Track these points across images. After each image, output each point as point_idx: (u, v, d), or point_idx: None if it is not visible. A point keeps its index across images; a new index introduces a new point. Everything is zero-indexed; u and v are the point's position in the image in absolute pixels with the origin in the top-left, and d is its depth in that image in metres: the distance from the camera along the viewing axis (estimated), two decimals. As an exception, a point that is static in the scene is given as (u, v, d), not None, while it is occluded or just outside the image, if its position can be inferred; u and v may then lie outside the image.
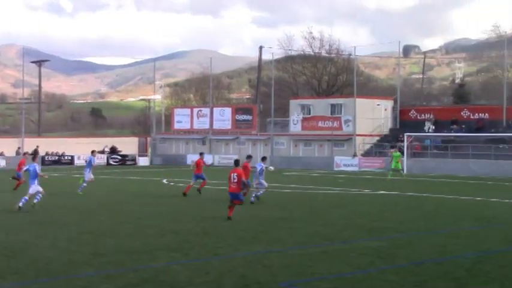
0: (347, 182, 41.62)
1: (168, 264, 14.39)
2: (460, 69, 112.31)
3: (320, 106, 65.99)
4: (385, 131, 64.24)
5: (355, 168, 57.00)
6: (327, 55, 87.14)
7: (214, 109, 74.66)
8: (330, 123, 64.09)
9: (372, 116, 63.02)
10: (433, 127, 60.28)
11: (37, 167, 24.63)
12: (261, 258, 15.10)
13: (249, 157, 28.81)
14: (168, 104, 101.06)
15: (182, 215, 23.51)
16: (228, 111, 73.79)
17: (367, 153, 60.68)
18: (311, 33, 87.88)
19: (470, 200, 30.58)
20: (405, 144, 54.04)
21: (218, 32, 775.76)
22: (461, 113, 61.29)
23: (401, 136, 56.76)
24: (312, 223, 21.46)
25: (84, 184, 32.04)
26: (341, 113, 63.92)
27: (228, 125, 72.43)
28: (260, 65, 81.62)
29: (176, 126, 77.37)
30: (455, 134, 57.51)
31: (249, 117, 71.55)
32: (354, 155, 59.06)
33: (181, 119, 76.69)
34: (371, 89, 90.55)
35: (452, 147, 55.61)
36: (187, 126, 75.83)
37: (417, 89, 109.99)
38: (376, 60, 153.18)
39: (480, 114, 59.98)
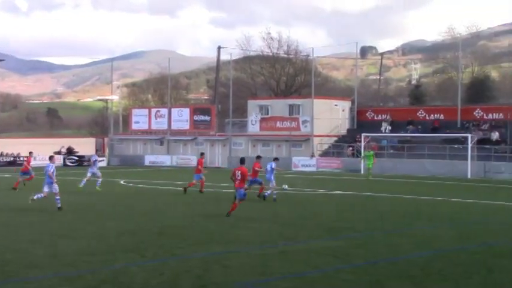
0: (305, 182, 41.85)
1: (126, 265, 14.34)
2: (416, 71, 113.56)
3: (278, 107, 66.24)
4: (343, 131, 64.75)
5: (313, 169, 57.35)
6: (285, 56, 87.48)
7: (173, 109, 74.39)
8: (288, 123, 64.38)
9: (329, 117, 63.49)
10: (390, 128, 60.95)
11: (53, 167, 25.31)
12: (220, 258, 15.14)
13: (259, 157, 30.38)
14: (126, 105, 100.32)
15: (140, 216, 23.42)
16: (186, 111, 73.60)
17: (325, 154, 61.12)
18: (269, 33, 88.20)
19: (424, 200, 31.00)
20: (362, 144, 54.55)
21: (176, 32, 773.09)
22: (417, 114, 62.08)
23: (358, 136, 57.30)
24: (271, 223, 21.56)
25: (85, 181, 34.80)
26: (299, 114, 64.25)
27: (186, 125, 72.24)
28: (218, 66, 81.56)
29: (134, 126, 76.90)
30: (411, 135, 58.23)
31: (207, 117, 71.46)
32: (312, 156, 59.42)
33: (139, 119, 76.26)
34: (329, 89, 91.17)
35: (409, 148, 56.29)
36: (145, 126, 75.44)
37: (374, 89, 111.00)
38: (333, 61, 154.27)
39: (435, 115, 60.83)
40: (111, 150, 74.36)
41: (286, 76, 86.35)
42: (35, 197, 25.30)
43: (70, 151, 69.71)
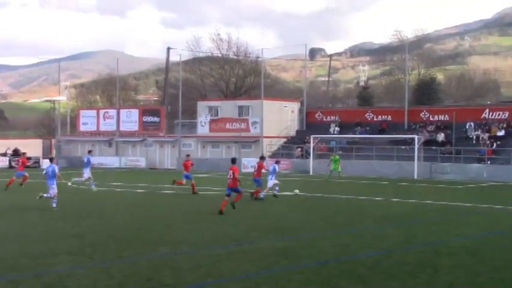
0: (253, 184, 41.85)
1: (72, 268, 14.15)
2: (364, 72, 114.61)
3: (228, 108, 66.25)
4: (292, 132, 65.08)
5: (263, 170, 57.36)
6: (234, 57, 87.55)
7: (121, 111, 73.82)
8: (238, 124, 64.43)
9: (279, 118, 63.74)
10: (339, 129, 61.51)
11: (56, 168, 26.20)
12: (168, 260, 15.07)
13: (263, 158, 32.40)
14: (74, 106, 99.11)
15: (87, 218, 23.14)
16: (135, 112, 73.12)
17: (274, 155, 61.28)
18: (219, 35, 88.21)
19: (372, 200, 31.35)
20: (311, 145, 54.91)
21: (125, 33, 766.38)
22: (366, 115, 62.78)
23: (307, 138, 57.67)
24: (218, 224, 21.54)
25: (82, 179, 35.86)
26: (248, 115, 64.37)
27: (135, 126, 71.77)
28: (168, 67, 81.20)
29: (82, 128, 76.07)
30: (359, 136, 58.84)
31: (156, 119, 71.08)
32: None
33: (87, 120, 75.49)
34: (278, 91, 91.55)
35: (357, 149, 56.86)
36: (94, 128, 74.70)
37: (323, 91, 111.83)
38: (283, 62, 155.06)
39: (383, 117, 61.60)
40: (59, 151, 73.35)
41: (236, 77, 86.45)
42: (45, 195, 26.13)
43: (16, 152, 68.49)
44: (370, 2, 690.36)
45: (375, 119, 61.75)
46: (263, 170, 31.23)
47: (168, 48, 79.21)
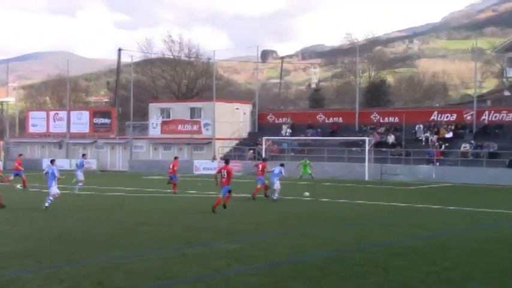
0: (206, 185, 41.80)
1: (19, 272, 13.89)
2: (315, 75, 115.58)
3: (179, 110, 66.01)
4: (244, 134, 65.16)
5: (215, 172, 57.23)
6: (186, 59, 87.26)
7: (72, 112, 72.99)
8: (190, 126, 64.23)
9: (231, 120, 63.73)
10: (291, 131, 61.78)
11: (55, 170, 27.69)
12: (120, 263, 14.91)
13: (265, 160, 34.44)
14: (23, 107, 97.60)
15: (37, 221, 22.81)
16: (85, 114, 72.35)
17: (226, 157, 61.22)
18: (170, 36, 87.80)
19: (323, 202, 31.55)
20: (263, 147, 55.04)
21: (75, 34, 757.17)
22: (317, 117, 63.20)
23: (259, 140, 57.79)
24: (171, 227, 21.43)
25: (80, 184, 36.21)
26: (200, 117, 64.25)
27: (85, 128, 71.01)
28: (119, 68, 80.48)
29: (31, 129, 74.96)
30: (311, 138, 59.18)
31: (107, 120, 70.44)
32: (214, 159, 59.44)
33: (37, 122, 74.41)
34: (230, 93, 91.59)
35: (309, 150, 57.17)
36: (43, 129, 73.67)
37: (275, 93, 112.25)
38: (235, 64, 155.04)
39: (334, 119, 62.09)
40: (7, 153, 72.12)
41: (188, 79, 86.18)
42: (47, 204, 26.72)
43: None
44: (320, 4, 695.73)
45: (326, 121, 62.19)
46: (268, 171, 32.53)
47: (119, 50, 78.54)
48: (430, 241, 18.86)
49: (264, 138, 56.02)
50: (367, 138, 52.33)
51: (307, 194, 33.83)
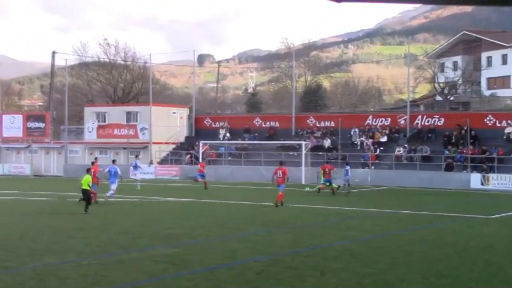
0: (143, 189, 41.53)
1: (-48, 280, 13.59)
2: (252, 79, 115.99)
3: (116, 114, 65.33)
4: (181, 138, 64.87)
5: (152, 176, 56.95)
6: (122, 62, 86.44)
7: (4, 116, 71.43)
8: (126, 131, 63.65)
9: (167, 124, 63.38)
10: (228, 135, 61.82)
11: (118, 169, 32.83)
12: (55, 269, 14.72)
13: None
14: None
15: (-32, 228, 22.29)
16: (18, 118, 70.92)
17: (163, 161, 60.95)
18: (106, 39, 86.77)
19: (260, 206, 31.69)
20: (200, 151, 54.94)
21: (7, 35, 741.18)
22: (254, 122, 63.38)
23: (196, 144, 57.67)
24: (107, 232, 21.23)
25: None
26: (137, 121, 63.71)
27: (19, 132, 69.62)
28: (53, 71, 79.13)
29: (-38, 134, 73.09)
30: (248, 142, 59.34)
31: (41, 124, 69.22)
32: (150, 163, 59.04)
33: (-32, 126, 72.54)
34: (167, 97, 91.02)
35: (246, 155, 57.30)
36: (-26, 134, 71.90)
37: (212, 97, 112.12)
38: (171, 68, 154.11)
39: (271, 123, 62.35)
40: None
41: (124, 83, 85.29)
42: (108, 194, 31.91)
43: None
44: (257, 9, 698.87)
45: (264, 125, 62.45)
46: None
47: (53, 52, 77.24)
48: (365, 243, 19.18)
49: (200, 142, 55.91)
50: (303, 143, 52.74)
51: (308, 188, 35.87)
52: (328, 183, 39.50)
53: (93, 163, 35.70)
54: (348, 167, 40.91)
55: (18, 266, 15.14)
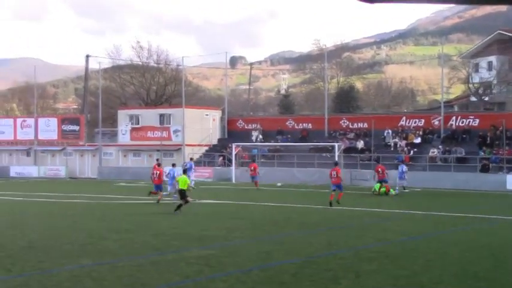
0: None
1: (-11, 281, 13.76)
2: (284, 81, 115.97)
3: (149, 116, 65.73)
4: (214, 141, 65.08)
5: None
6: (155, 65, 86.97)
7: (39, 119, 72.30)
8: (159, 133, 64.00)
9: (200, 126, 63.63)
10: (261, 137, 61.86)
11: (176, 172, 34.36)
12: (90, 271, 14.81)
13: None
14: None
15: (6, 229, 22.56)
16: (53, 121, 71.72)
17: (196, 163, 61.06)
18: (139, 42, 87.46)
19: (294, 207, 31.63)
20: (233, 153, 55.03)
21: (43, 39, 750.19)
22: (287, 123, 63.34)
23: (229, 146, 57.79)
24: (141, 234, 21.32)
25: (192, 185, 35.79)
26: (170, 123, 64.03)
27: (54, 135, 70.40)
28: (87, 74, 79.96)
29: (-2, 137, 74.09)
30: (281, 144, 59.31)
31: (76, 127, 69.91)
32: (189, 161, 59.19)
33: (4, 129, 73.53)
34: (199, 99, 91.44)
35: (279, 156, 57.27)
36: (11, 137, 72.82)
37: (244, 99, 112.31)
38: (204, 70, 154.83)
39: (304, 124, 62.28)
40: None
41: (157, 85, 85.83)
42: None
43: None
44: (289, 11, 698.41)
45: (296, 127, 62.38)
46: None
47: (87, 56, 78.06)
48: (400, 245, 19.02)
49: (233, 144, 56.02)
50: (336, 144, 52.57)
51: (279, 184, 35.69)
52: (381, 183, 40.06)
53: (159, 164, 36.04)
54: (403, 167, 42.63)
55: (54, 267, 15.27)
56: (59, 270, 15.01)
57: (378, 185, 40.84)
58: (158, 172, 34.17)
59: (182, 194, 28.09)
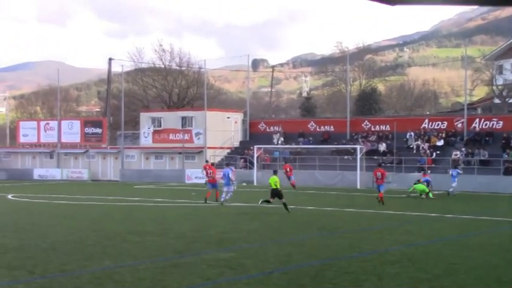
0: (199, 194, 41.76)
1: (11, 283, 13.83)
2: (306, 83, 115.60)
3: (171, 119, 65.95)
4: (236, 143, 65.14)
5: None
6: (177, 68, 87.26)
7: (63, 122, 72.82)
8: (181, 135, 64.18)
9: (222, 129, 63.72)
10: (282, 139, 61.81)
11: (231, 173, 34.26)
12: (111, 273, 14.86)
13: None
14: (14, 117, 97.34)
15: (29, 231, 22.71)
16: (76, 124, 72.22)
17: (218, 166, 61.13)
18: (161, 45, 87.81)
19: (315, 210, 31.55)
20: (255, 156, 55.03)
21: (66, 43, 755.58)
22: (308, 126, 63.24)
23: (251, 148, 57.80)
24: (163, 236, 21.37)
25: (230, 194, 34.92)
26: (192, 126, 64.20)
27: (77, 138, 70.87)
28: (109, 77, 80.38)
29: (22, 139, 74.72)
30: (302, 146, 59.23)
31: (98, 130, 70.34)
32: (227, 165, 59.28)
33: (28, 132, 74.17)
34: (221, 101, 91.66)
35: (300, 159, 57.19)
36: (34, 139, 73.44)
37: (266, 102, 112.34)
38: (226, 73, 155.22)
39: (326, 127, 62.15)
40: (-2, 163, 71.95)
41: (179, 88, 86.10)
42: (225, 198, 33.75)
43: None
44: (310, 13, 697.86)
45: (318, 130, 62.27)
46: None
47: (110, 59, 78.44)
48: (422, 248, 18.89)
49: (255, 146, 56.02)
50: (358, 147, 52.39)
51: (244, 184, 36.47)
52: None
53: (213, 163, 39.60)
54: (456, 170, 42.81)
55: (76, 269, 15.34)
56: (81, 272, 15.07)
57: (421, 185, 40.65)
58: (212, 171, 36.69)
59: (275, 193, 29.45)
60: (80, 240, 20.39)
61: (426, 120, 57.67)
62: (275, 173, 31.06)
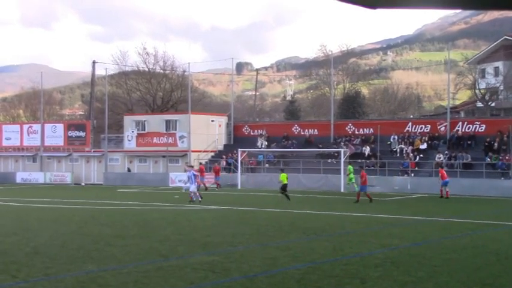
0: (182, 198, 41.72)
1: (-5, 287, 13.77)
2: (290, 87, 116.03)
3: (155, 122, 65.88)
4: (220, 146, 65.15)
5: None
6: (161, 71, 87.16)
7: (46, 125, 72.51)
8: (165, 139, 64.11)
9: (206, 132, 63.71)
10: (266, 142, 61.88)
11: (193, 174, 37.67)
12: (95, 277, 14.82)
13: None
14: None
15: (12, 235, 22.58)
16: (60, 127, 71.92)
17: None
18: (145, 49, 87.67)
19: (299, 213, 31.59)
20: (239, 159, 55.05)
21: (49, 46, 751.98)
22: (292, 129, 63.36)
23: (235, 151, 57.81)
24: (147, 239, 21.32)
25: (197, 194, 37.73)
26: (176, 129, 64.15)
27: (60, 141, 70.57)
28: (93, 81, 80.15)
29: (4, 143, 74.31)
30: (286, 150, 59.30)
31: (82, 133, 70.08)
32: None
33: (10, 135, 73.78)
34: (205, 105, 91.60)
35: (284, 162, 57.25)
36: (17, 143, 73.06)
37: (250, 105, 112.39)
38: (210, 76, 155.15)
39: (310, 130, 62.28)
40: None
41: (163, 91, 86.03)
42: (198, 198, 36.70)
43: None
44: (294, 17, 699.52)
45: (302, 133, 62.40)
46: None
47: (94, 62, 78.26)
48: (405, 251, 18.97)
49: (239, 149, 56.05)
50: (342, 150, 52.55)
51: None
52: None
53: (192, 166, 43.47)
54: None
55: (59, 273, 15.27)
56: (65, 276, 15.01)
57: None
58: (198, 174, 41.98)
59: (285, 186, 38.17)
60: (64, 244, 20.30)
61: (410, 124, 57.95)
62: (283, 170, 39.40)
